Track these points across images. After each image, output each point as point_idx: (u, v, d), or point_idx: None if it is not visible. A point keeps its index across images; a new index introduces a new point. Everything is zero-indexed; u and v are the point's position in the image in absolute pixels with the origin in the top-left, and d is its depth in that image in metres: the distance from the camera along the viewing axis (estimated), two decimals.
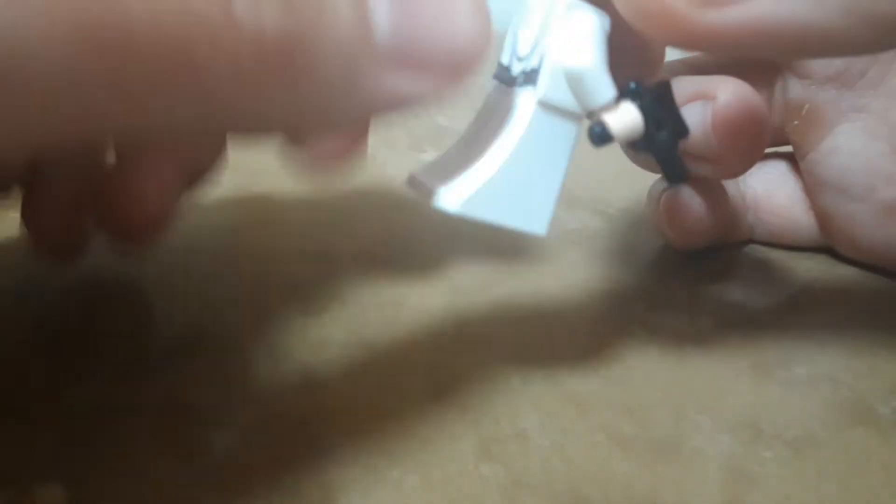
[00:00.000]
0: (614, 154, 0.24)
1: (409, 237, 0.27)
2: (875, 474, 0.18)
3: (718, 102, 0.22)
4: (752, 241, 0.28)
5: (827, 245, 0.27)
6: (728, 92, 0.22)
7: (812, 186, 0.26)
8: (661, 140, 0.20)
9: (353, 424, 0.18)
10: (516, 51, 0.19)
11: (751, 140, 0.22)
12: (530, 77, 0.18)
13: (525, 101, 0.18)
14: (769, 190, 0.28)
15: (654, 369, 0.21)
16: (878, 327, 0.24)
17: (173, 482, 0.17)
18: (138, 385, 0.19)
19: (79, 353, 0.20)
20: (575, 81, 0.18)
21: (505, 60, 0.19)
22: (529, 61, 0.18)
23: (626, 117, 0.18)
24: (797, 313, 0.24)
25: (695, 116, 0.22)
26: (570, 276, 0.26)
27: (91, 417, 0.18)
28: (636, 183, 0.28)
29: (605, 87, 0.18)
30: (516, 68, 0.18)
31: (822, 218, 0.26)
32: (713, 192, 0.25)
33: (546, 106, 0.18)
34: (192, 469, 0.17)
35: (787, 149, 0.27)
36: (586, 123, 0.19)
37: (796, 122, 0.26)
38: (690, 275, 0.26)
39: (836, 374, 0.21)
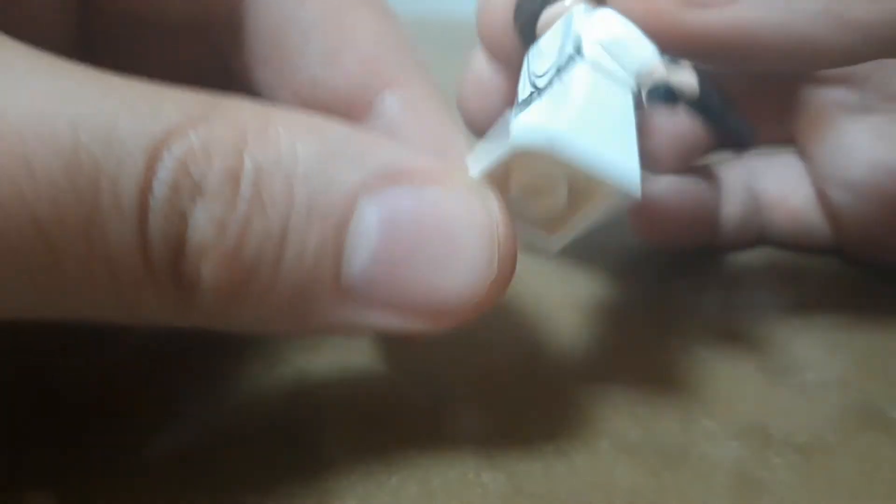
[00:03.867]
0: None
1: None
2: (886, 480, 0.18)
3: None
4: (762, 241, 0.28)
5: (839, 247, 0.27)
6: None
7: (820, 185, 0.26)
8: (715, 101, 0.19)
9: (350, 430, 0.18)
10: (533, 73, 0.17)
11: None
12: (565, 64, 0.17)
13: (577, 71, 0.16)
14: (784, 191, 0.27)
15: (660, 374, 0.21)
16: (890, 330, 0.23)
17: (164, 487, 0.16)
18: (130, 390, 0.19)
19: (71, 356, 0.20)
20: (616, 48, 0.17)
21: (523, 94, 0.17)
22: (557, 61, 0.17)
23: (683, 74, 0.18)
24: (807, 316, 0.24)
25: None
26: (572, 277, 0.25)
27: (82, 423, 0.18)
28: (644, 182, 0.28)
29: (646, 46, 0.17)
30: (541, 81, 0.17)
31: (832, 217, 0.26)
32: (693, 194, 0.25)
33: (596, 66, 0.17)
34: (184, 475, 0.17)
35: None
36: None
37: (801, 122, 0.26)
38: (697, 277, 0.26)
39: (846, 378, 0.21)
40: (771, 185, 0.27)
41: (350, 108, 0.18)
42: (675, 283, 0.26)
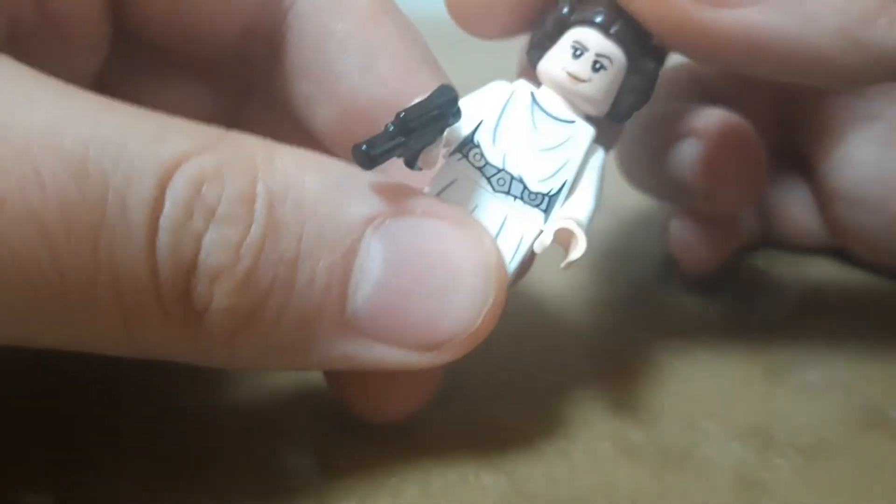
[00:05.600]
0: None
1: None
2: (889, 480, 0.18)
3: (704, 145, 0.22)
4: (764, 244, 0.28)
5: (838, 246, 0.27)
6: (714, 131, 0.22)
7: (825, 197, 0.26)
8: None
9: (350, 431, 0.18)
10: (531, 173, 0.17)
11: (743, 177, 0.23)
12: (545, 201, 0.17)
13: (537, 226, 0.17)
14: (782, 196, 0.27)
15: (662, 375, 0.21)
16: (891, 331, 0.23)
17: (163, 488, 0.16)
18: (129, 391, 0.19)
19: (69, 360, 0.20)
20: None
21: (496, 160, 0.17)
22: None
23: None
24: (809, 318, 0.24)
25: (685, 157, 0.23)
26: (577, 277, 0.25)
27: (81, 425, 0.18)
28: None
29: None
30: (536, 186, 0.17)
31: (836, 228, 0.26)
32: (724, 222, 0.25)
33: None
34: (182, 477, 0.17)
35: None
36: None
37: (807, 132, 0.26)
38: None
39: (848, 379, 0.21)
40: (771, 188, 0.27)
41: (385, 113, 0.18)
42: (676, 284, 0.25)
